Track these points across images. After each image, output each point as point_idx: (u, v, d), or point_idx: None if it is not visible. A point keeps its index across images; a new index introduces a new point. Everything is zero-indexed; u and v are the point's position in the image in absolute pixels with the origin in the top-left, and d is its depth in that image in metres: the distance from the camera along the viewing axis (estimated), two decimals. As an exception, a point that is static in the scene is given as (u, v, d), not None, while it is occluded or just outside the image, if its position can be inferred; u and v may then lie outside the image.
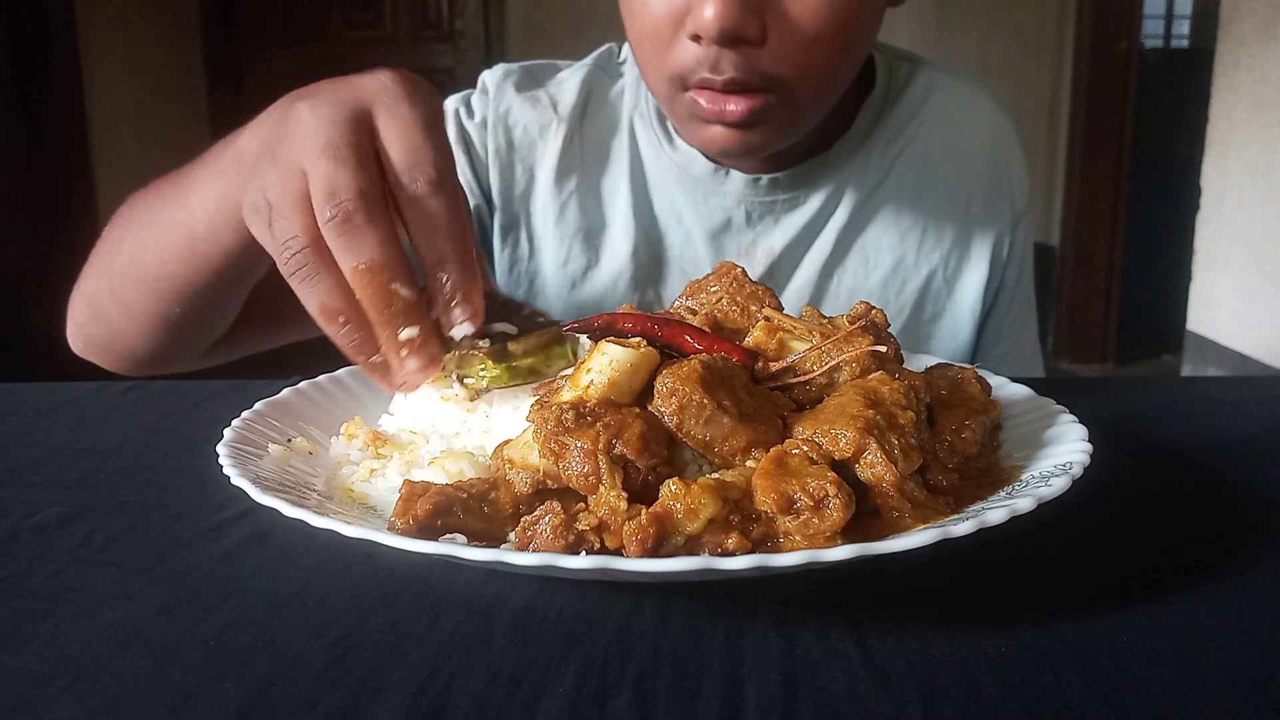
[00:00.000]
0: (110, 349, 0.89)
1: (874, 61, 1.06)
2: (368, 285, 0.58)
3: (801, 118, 0.89)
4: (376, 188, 0.59)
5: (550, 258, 1.04)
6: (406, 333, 0.58)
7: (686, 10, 0.83)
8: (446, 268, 0.59)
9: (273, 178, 0.61)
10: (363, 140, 0.60)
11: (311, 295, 0.59)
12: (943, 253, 1.05)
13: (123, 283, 0.83)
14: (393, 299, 0.58)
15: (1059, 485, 0.46)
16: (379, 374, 0.61)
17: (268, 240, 0.61)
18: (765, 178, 1.00)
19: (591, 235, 1.04)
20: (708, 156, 1.00)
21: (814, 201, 1.02)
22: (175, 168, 0.82)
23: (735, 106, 0.84)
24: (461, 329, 0.59)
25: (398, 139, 0.60)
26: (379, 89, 0.63)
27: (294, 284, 0.59)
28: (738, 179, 1.00)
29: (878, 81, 1.04)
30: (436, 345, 0.59)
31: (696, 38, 0.82)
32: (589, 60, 1.09)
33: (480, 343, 0.59)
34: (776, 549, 0.45)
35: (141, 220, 0.83)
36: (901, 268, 1.03)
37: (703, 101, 0.85)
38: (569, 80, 1.07)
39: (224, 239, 0.76)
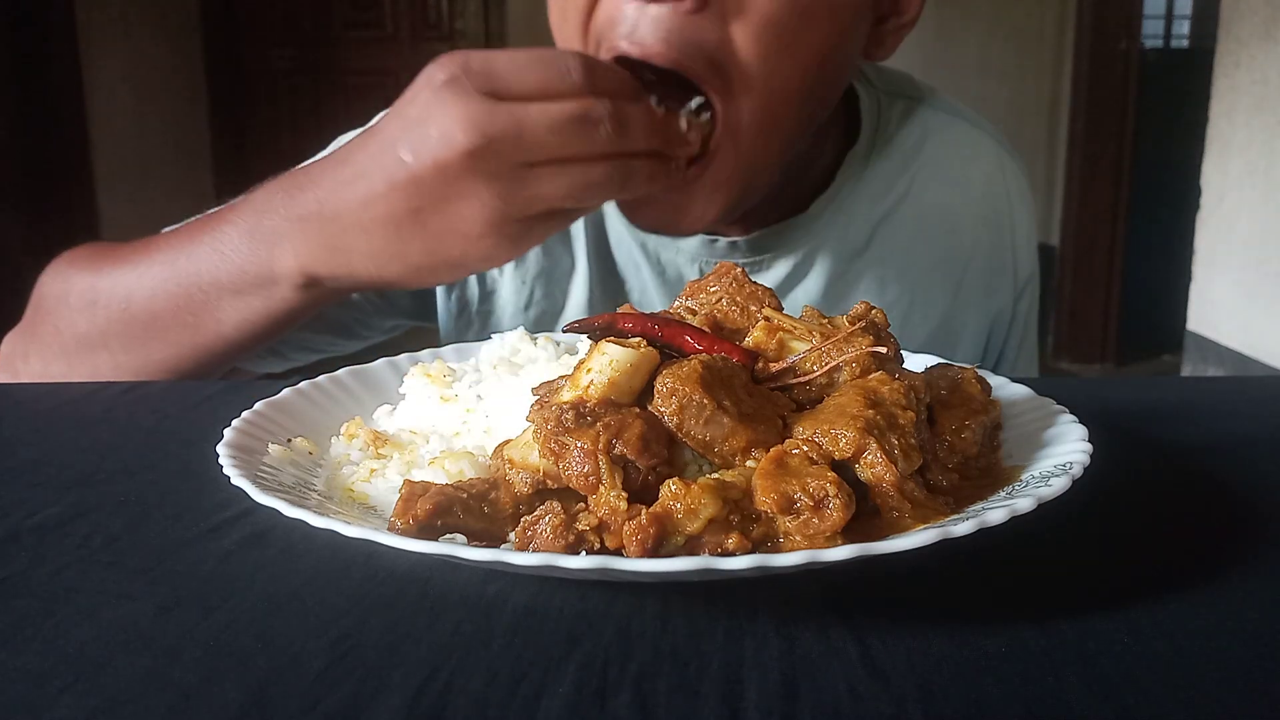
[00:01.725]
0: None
1: (860, 105, 0.93)
2: (652, 127, 0.67)
3: (739, 184, 0.76)
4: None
5: (508, 300, 0.96)
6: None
7: None
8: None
9: (510, 210, 0.65)
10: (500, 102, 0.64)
11: (647, 176, 0.68)
12: (930, 329, 0.93)
13: (113, 370, 0.83)
14: (654, 116, 0.67)
15: (1059, 485, 0.46)
16: (672, 179, 0.70)
17: (568, 175, 0.65)
18: (723, 240, 0.89)
19: (556, 278, 0.94)
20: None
21: (780, 267, 0.90)
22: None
23: None
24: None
25: (513, 74, 0.64)
26: (438, 86, 0.65)
27: (622, 138, 0.65)
28: (692, 238, 0.89)
29: (864, 126, 0.92)
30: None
31: None
32: None
33: None
34: (776, 549, 0.45)
35: (145, 347, 0.81)
36: None
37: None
38: None
39: (261, 339, 0.80)
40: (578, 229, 0.95)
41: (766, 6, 0.70)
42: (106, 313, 0.82)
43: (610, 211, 0.95)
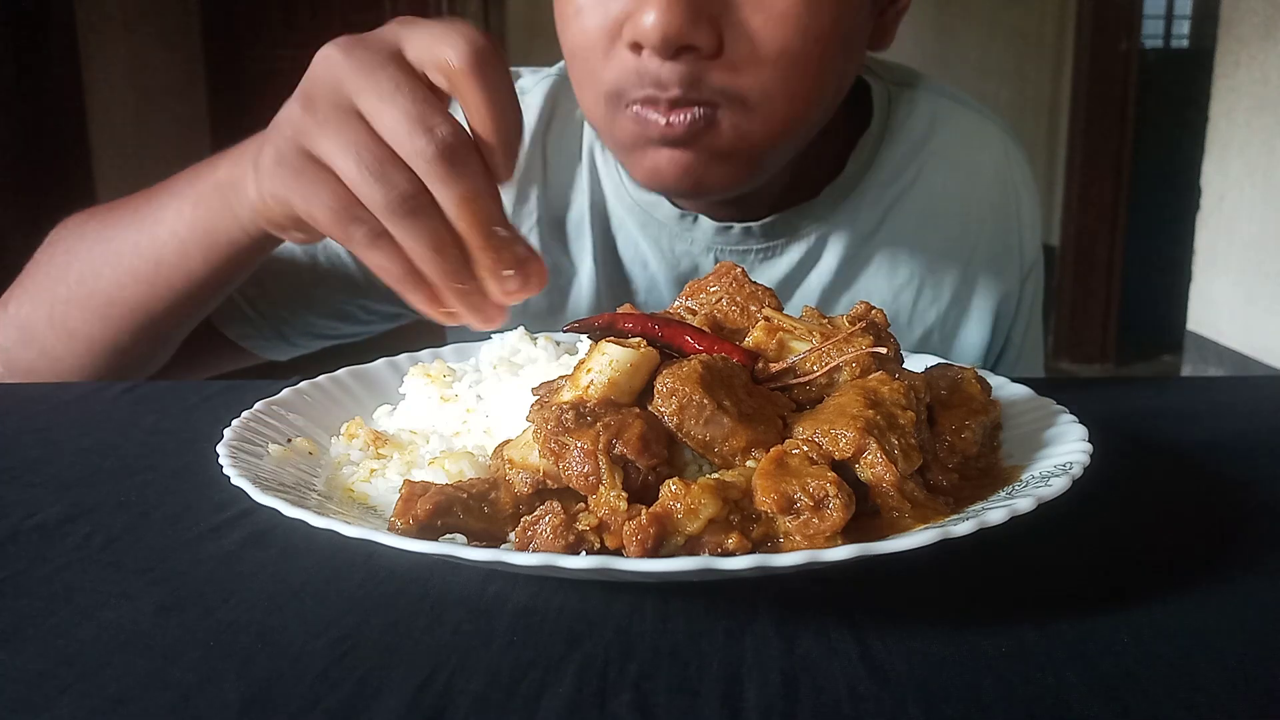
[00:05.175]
0: (36, 375, 0.85)
1: (870, 93, 0.95)
2: (474, 213, 0.56)
3: (759, 156, 0.78)
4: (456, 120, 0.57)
5: None
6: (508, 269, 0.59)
7: (625, 17, 0.72)
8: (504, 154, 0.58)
9: (322, 124, 0.58)
10: (414, 76, 0.58)
11: (425, 239, 0.56)
12: (940, 310, 0.94)
13: (68, 308, 0.81)
14: (493, 230, 0.57)
15: (1059, 485, 0.46)
16: (468, 303, 0.59)
17: (321, 197, 0.58)
18: (737, 226, 0.90)
19: (556, 276, 0.94)
20: (672, 201, 0.91)
21: (793, 253, 0.92)
22: (175, 168, 0.82)
23: (678, 118, 0.73)
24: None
25: (426, 56, 0.58)
26: (402, 30, 0.60)
27: (401, 231, 0.56)
28: (706, 225, 0.90)
29: (875, 115, 0.94)
30: (541, 265, 0.60)
31: (637, 47, 0.72)
32: (555, 68, 0.98)
33: None
34: (776, 549, 0.45)
35: (95, 244, 0.80)
36: (894, 327, 0.88)
37: (645, 114, 0.74)
38: (531, 93, 0.96)
39: (193, 266, 0.75)
40: (580, 230, 0.95)
41: (777, 43, 0.72)
42: (72, 237, 0.83)
43: (616, 209, 0.95)
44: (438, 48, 0.58)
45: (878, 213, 0.93)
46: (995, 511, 0.43)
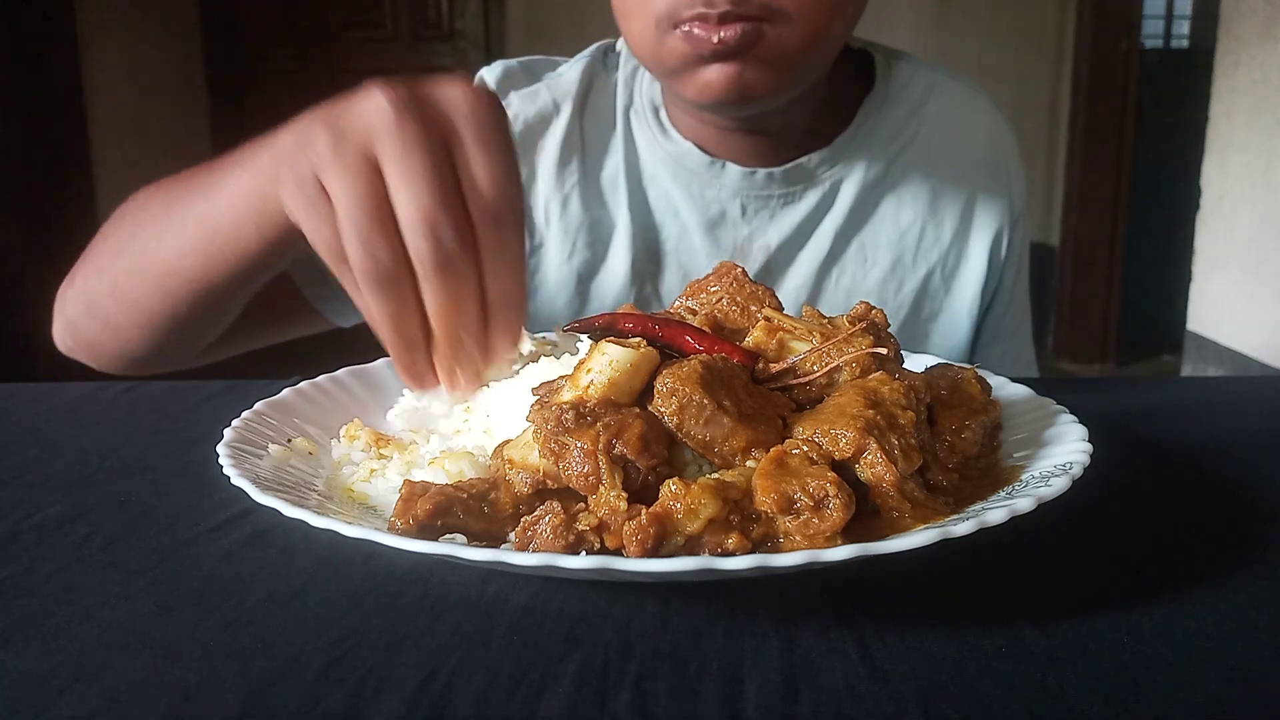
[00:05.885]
0: (101, 347, 0.87)
1: (873, 62, 1.06)
2: (447, 319, 0.59)
3: (796, 63, 0.88)
4: (466, 224, 0.59)
5: (555, 252, 1.04)
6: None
7: None
8: (505, 309, 0.60)
9: (338, 164, 0.59)
10: (449, 165, 0.59)
11: (387, 310, 0.59)
12: (941, 251, 1.05)
13: (129, 278, 0.82)
14: (458, 335, 0.59)
15: (1059, 485, 0.46)
16: (417, 380, 0.61)
17: (322, 232, 0.60)
18: (761, 172, 1.00)
19: (595, 229, 1.04)
20: (701, 149, 1.00)
21: (810, 198, 1.02)
22: (175, 168, 0.81)
23: (729, 32, 0.82)
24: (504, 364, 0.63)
25: (486, 177, 0.60)
26: (464, 108, 0.61)
27: (368, 294, 0.59)
28: (733, 171, 1.00)
29: (877, 80, 1.05)
30: (480, 375, 0.62)
31: None
32: (587, 52, 1.09)
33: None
34: (776, 549, 0.45)
35: (156, 215, 0.81)
36: (899, 267, 1.04)
37: (696, 30, 0.83)
38: (569, 72, 1.07)
39: (246, 238, 0.74)
40: (615, 187, 1.04)
41: None
42: (137, 209, 0.84)
43: (648, 164, 1.02)
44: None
45: (882, 163, 1.03)
46: (995, 511, 0.43)
